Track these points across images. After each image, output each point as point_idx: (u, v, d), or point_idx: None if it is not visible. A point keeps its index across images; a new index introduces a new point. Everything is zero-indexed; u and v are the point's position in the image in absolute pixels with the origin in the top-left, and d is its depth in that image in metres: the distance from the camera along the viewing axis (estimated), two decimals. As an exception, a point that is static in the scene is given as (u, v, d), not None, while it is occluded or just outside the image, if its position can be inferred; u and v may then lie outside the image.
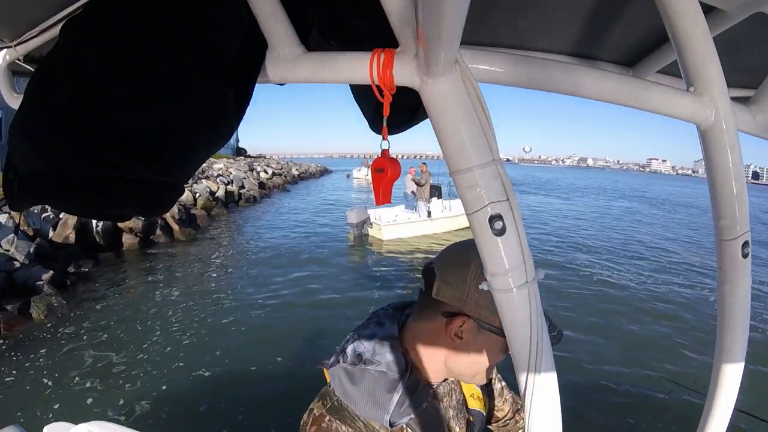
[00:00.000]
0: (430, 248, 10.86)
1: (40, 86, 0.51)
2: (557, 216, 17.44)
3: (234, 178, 19.41)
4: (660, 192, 38.55)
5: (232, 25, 0.53)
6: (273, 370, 4.73)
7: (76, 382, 4.40)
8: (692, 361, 4.93)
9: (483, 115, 0.53)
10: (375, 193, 0.63)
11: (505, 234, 0.54)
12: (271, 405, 4.01)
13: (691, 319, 6.50)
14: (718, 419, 0.89)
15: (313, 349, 5.17)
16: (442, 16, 0.40)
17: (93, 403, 4.08)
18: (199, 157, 0.59)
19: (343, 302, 6.96)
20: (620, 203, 25.15)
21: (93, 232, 9.04)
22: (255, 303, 6.76)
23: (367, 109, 0.84)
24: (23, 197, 0.55)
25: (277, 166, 34.87)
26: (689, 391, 2.22)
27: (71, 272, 7.63)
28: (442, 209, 12.36)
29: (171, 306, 6.53)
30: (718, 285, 0.80)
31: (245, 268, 8.81)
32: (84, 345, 5.17)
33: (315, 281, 7.94)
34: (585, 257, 10.43)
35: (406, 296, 7.26)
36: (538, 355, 0.59)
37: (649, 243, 12.81)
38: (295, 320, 6.14)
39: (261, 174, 25.51)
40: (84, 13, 0.51)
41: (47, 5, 0.73)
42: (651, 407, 3.86)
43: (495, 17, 0.78)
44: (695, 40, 0.60)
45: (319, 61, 0.59)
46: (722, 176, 0.68)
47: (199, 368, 4.70)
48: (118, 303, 6.60)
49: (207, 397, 4.15)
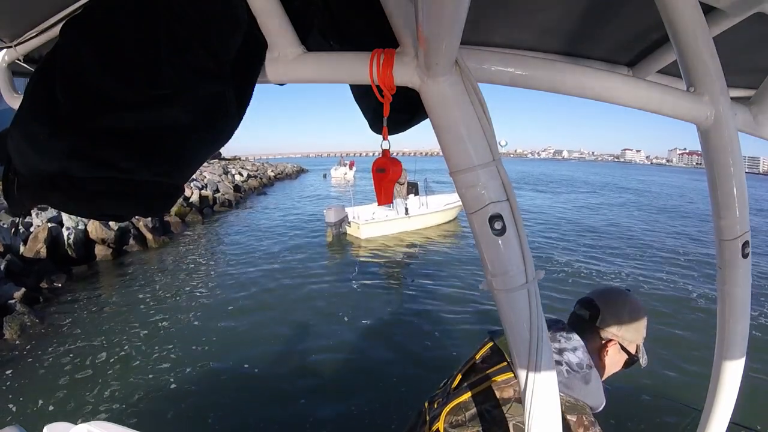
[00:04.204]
0: (408, 245, 10.64)
1: (40, 86, 0.51)
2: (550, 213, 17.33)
3: (208, 182, 18.85)
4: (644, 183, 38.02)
5: (232, 26, 0.53)
6: (254, 372, 4.66)
7: (52, 400, 4.14)
8: (691, 363, 4.94)
9: (483, 115, 0.53)
10: (377, 194, 0.63)
11: (505, 234, 0.54)
12: (252, 404, 4.00)
13: (690, 319, 6.50)
14: (718, 419, 0.89)
15: (294, 350, 5.12)
16: (442, 16, 0.40)
17: (71, 416, 3.94)
18: (200, 157, 0.59)
19: (324, 302, 6.70)
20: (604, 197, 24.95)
21: (65, 245, 8.75)
22: (233, 307, 6.59)
23: (367, 109, 0.84)
24: (23, 197, 0.55)
25: (252, 167, 34.29)
26: (688, 393, 2.21)
27: (44, 288, 7.29)
28: (419, 206, 12.46)
29: (146, 316, 6.32)
30: (718, 285, 0.80)
31: (222, 274, 8.55)
32: (58, 363, 4.92)
33: (294, 282, 7.75)
34: (574, 255, 10.35)
35: (386, 292, 7.29)
36: (538, 355, 0.59)
37: (640, 235, 12.73)
38: (275, 322, 5.84)
39: (236, 177, 24.97)
40: (84, 13, 0.50)
41: (47, 5, 0.73)
42: (646, 411, 3.86)
43: (495, 17, 0.78)
44: (695, 40, 0.60)
45: (319, 61, 0.58)
46: (722, 176, 0.68)
47: (178, 375, 4.59)
48: (91, 317, 6.33)
49: (187, 404, 4.06)
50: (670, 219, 15.50)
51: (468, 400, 0.91)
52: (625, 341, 1.00)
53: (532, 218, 14.34)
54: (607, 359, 1.01)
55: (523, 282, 0.56)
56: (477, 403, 0.89)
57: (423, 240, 11.24)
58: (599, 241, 11.27)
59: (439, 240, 11.26)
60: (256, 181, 27.28)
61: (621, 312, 1.01)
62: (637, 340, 1.01)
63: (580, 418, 0.85)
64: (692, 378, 4.23)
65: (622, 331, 1.01)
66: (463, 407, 0.90)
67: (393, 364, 4.80)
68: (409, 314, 6.22)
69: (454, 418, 0.90)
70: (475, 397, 0.90)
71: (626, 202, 21.14)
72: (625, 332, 1.01)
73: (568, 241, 11.27)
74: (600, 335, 1.01)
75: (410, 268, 9.02)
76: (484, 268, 0.57)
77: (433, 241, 11.18)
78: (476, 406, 0.89)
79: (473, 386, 0.93)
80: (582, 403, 0.88)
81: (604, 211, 17.10)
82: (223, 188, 19.69)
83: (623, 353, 1.01)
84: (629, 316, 1.01)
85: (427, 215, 12.31)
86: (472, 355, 1.05)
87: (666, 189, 31.62)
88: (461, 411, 0.90)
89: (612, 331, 1.00)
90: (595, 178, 43.81)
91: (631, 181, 39.73)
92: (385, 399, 4.09)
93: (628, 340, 1.00)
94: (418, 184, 13.18)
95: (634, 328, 1.01)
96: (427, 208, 12.45)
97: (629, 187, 31.45)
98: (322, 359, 4.89)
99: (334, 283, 7.77)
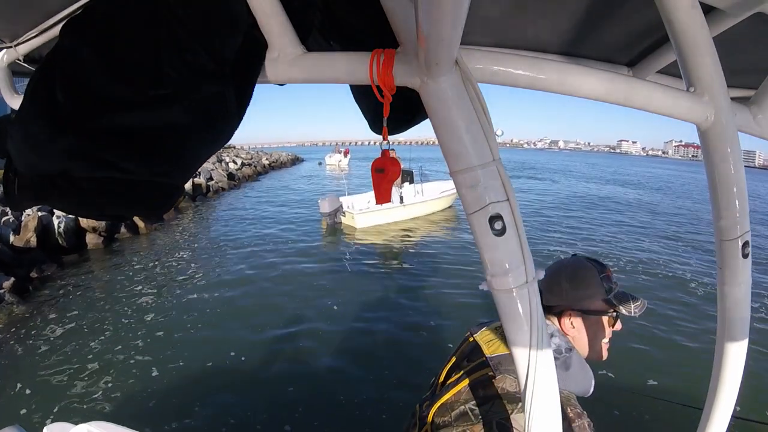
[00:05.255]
0: (404, 234, 10.64)
1: (41, 86, 0.51)
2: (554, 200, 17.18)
3: (202, 170, 18.20)
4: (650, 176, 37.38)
5: (232, 26, 0.53)
6: (241, 360, 4.66)
7: (42, 390, 4.11)
8: (691, 362, 4.94)
9: (483, 115, 0.53)
10: (375, 193, 0.64)
11: (505, 234, 0.54)
12: (240, 393, 4.00)
13: (690, 320, 6.49)
14: (719, 418, 0.89)
15: (284, 339, 5.11)
16: (442, 16, 0.40)
17: (62, 410, 3.85)
18: (199, 157, 0.59)
19: (319, 292, 6.61)
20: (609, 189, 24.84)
21: (55, 234, 8.64)
22: (226, 295, 6.53)
23: (367, 109, 0.84)
24: (23, 197, 0.55)
25: (246, 156, 33.60)
26: (688, 393, 2.21)
27: (34, 277, 7.24)
28: (415, 194, 12.34)
29: (137, 303, 6.28)
30: (718, 285, 0.80)
31: (215, 261, 8.44)
32: (47, 353, 4.89)
33: (288, 272, 7.68)
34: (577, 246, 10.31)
35: (382, 283, 7.17)
36: (538, 355, 0.59)
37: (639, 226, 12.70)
38: (270, 311, 5.96)
39: (230, 165, 24.64)
40: (84, 14, 0.51)
41: (47, 5, 0.73)
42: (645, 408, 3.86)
43: (495, 17, 0.78)
44: (695, 40, 0.60)
45: (319, 61, 0.58)
46: (722, 176, 0.68)
47: (167, 364, 4.57)
48: (82, 306, 6.26)
49: (175, 393, 4.04)
50: (669, 215, 15.45)
51: (452, 399, 0.90)
52: (576, 303, 0.93)
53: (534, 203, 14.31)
54: (573, 332, 0.95)
55: (523, 282, 0.56)
56: (461, 402, 0.88)
57: (418, 228, 11.17)
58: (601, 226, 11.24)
59: (435, 228, 11.20)
60: (250, 169, 27.05)
61: (558, 280, 0.96)
62: (591, 296, 0.94)
63: (564, 410, 0.81)
64: (692, 378, 4.23)
65: (568, 296, 0.94)
66: (448, 407, 0.90)
67: (385, 355, 4.79)
68: (403, 305, 6.21)
69: (440, 418, 0.90)
70: (459, 396, 0.90)
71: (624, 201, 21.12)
72: (571, 295, 0.94)
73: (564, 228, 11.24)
74: (553, 313, 0.96)
75: (405, 258, 8.97)
76: (484, 268, 0.57)
77: (428, 229, 11.13)
78: (461, 405, 0.88)
79: (455, 384, 0.93)
80: (566, 393, 0.85)
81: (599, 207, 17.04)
82: (217, 176, 19.61)
83: (590, 316, 0.94)
84: (568, 278, 0.95)
85: (422, 203, 12.23)
86: (453, 353, 1.05)
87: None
88: (447, 411, 0.89)
89: (558, 302, 0.95)
90: (589, 170, 43.13)
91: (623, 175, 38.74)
92: (375, 389, 4.09)
93: (579, 301, 0.93)
94: (413, 172, 13.07)
95: (579, 285, 0.94)
96: (423, 196, 12.35)
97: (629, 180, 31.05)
98: (313, 348, 4.89)
99: (329, 273, 7.71)
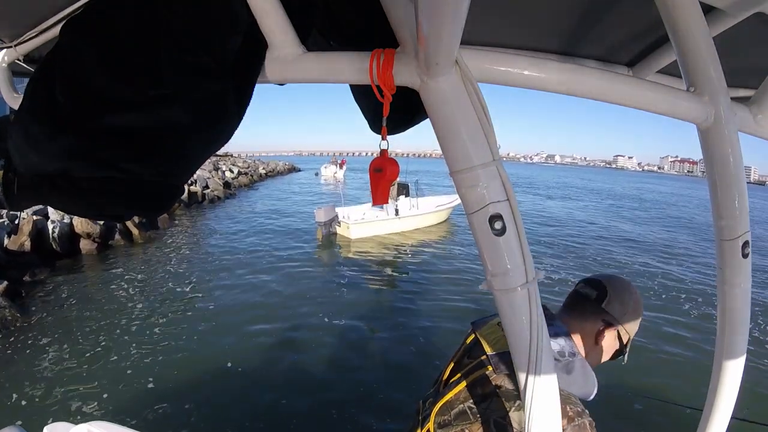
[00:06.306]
0: (398, 246, 10.73)
1: (40, 86, 0.51)
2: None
3: (198, 178, 18.55)
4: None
5: (232, 26, 0.53)
6: (237, 370, 4.65)
7: (30, 394, 4.11)
8: (690, 363, 4.93)
9: (483, 115, 0.53)
10: (372, 193, 0.63)
11: (505, 234, 0.54)
12: (233, 401, 4.00)
13: (690, 321, 6.49)
14: (719, 419, 0.89)
15: (282, 347, 5.12)
16: (442, 16, 0.40)
17: (53, 413, 3.82)
18: (200, 157, 0.59)
19: (312, 301, 6.67)
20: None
21: (50, 238, 8.63)
22: (218, 304, 6.53)
23: (367, 109, 0.84)
24: (23, 197, 0.55)
25: (243, 164, 34.16)
26: (688, 393, 2.21)
27: (26, 281, 7.22)
28: (410, 207, 12.42)
29: (131, 309, 6.29)
30: (718, 285, 0.80)
31: (208, 269, 8.45)
32: (38, 356, 4.88)
33: (283, 281, 7.72)
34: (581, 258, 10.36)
35: (376, 293, 7.25)
36: (538, 355, 0.59)
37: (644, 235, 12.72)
38: (263, 319, 5.91)
39: (226, 173, 24.97)
40: (84, 14, 0.51)
41: (47, 5, 0.73)
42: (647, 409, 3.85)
43: (495, 17, 0.78)
44: (695, 40, 0.60)
45: (319, 61, 0.58)
46: (722, 176, 0.68)
47: (158, 370, 4.55)
48: (73, 311, 6.26)
49: (169, 398, 4.05)
50: (665, 225, 15.45)
51: (453, 397, 0.90)
52: (623, 329, 0.98)
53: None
54: (604, 343, 0.97)
55: (523, 282, 0.56)
56: (461, 401, 0.88)
57: (412, 241, 11.28)
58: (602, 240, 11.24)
59: (429, 242, 11.28)
60: (246, 178, 27.19)
61: (627, 299, 0.99)
62: (632, 331, 0.99)
63: (564, 409, 0.81)
64: (692, 378, 4.24)
65: (625, 318, 0.97)
66: (449, 406, 0.89)
67: (378, 365, 4.81)
68: (396, 315, 6.23)
69: (441, 417, 0.89)
70: (459, 395, 0.89)
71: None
72: (627, 320, 0.98)
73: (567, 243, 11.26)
74: (602, 318, 0.97)
75: (399, 269, 9.04)
76: (484, 267, 0.57)
77: (422, 242, 11.22)
78: (460, 403, 0.88)
79: (457, 383, 0.92)
80: (566, 393, 0.84)
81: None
82: (213, 185, 19.66)
83: (617, 342, 0.98)
84: (633, 305, 0.99)
85: (417, 216, 12.33)
86: (457, 349, 1.05)
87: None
88: (447, 410, 0.89)
89: (615, 316, 0.97)
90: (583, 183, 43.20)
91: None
92: (366, 398, 4.11)
93: (625, 329, 0.98)
94: (409, 186, 13.17)
95: (634, 318, 0.98)
96: (418, 210, 12.46)
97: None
98: (306, 357, 4.91)
99: (323, 283, 7.75)
